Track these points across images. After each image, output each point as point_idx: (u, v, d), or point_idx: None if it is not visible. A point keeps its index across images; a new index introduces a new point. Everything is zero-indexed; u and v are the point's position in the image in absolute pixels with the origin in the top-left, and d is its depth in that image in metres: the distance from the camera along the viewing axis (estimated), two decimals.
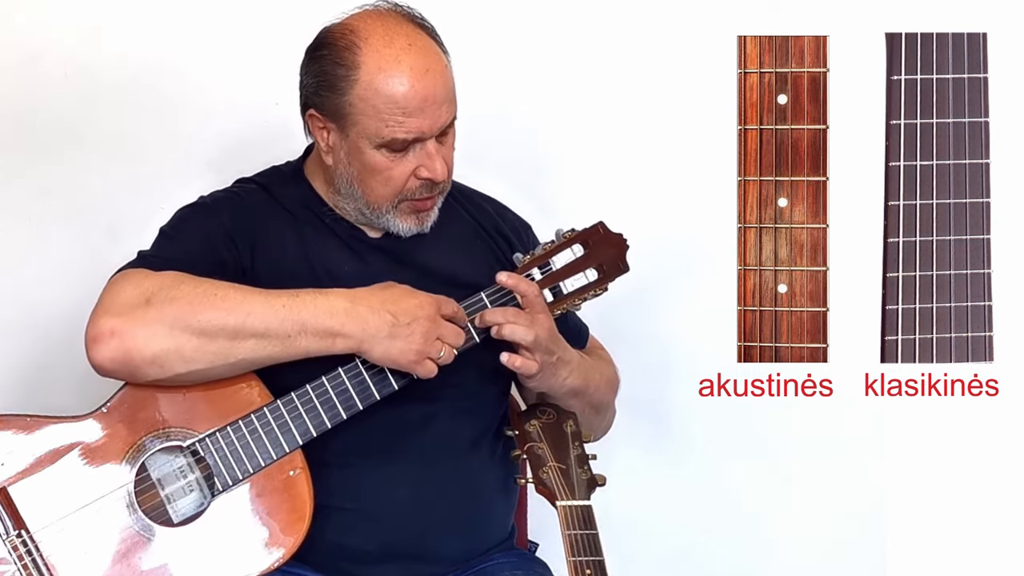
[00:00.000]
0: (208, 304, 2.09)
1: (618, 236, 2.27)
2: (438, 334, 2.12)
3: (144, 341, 2.08)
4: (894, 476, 2.77)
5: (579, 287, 2.25)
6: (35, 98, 2.68)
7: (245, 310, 2.09)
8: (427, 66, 2.14)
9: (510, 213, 2.41)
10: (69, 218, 2.70)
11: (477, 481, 2.26)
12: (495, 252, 2.32)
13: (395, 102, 2.13)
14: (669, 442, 2.79)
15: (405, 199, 2.21)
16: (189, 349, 2.09)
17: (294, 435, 2.14)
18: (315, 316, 2.10)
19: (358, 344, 2.11)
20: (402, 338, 2.10)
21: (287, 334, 2.10)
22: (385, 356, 2.12)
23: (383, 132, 2.15)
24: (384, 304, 2.11)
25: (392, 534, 2.19)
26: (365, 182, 2.20)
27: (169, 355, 2.09)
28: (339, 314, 2.10)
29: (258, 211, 2.26)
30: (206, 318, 2.08)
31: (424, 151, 2.17)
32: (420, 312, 2.11)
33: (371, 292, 2.13)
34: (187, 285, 2.10)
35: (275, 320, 2.09)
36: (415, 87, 2.13)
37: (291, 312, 2.10)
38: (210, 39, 2.70)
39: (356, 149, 2.18)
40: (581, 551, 1.99)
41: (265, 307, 2.10)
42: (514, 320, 2.17)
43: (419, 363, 2.12)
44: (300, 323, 2.09)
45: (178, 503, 2.13)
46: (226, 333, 2.09)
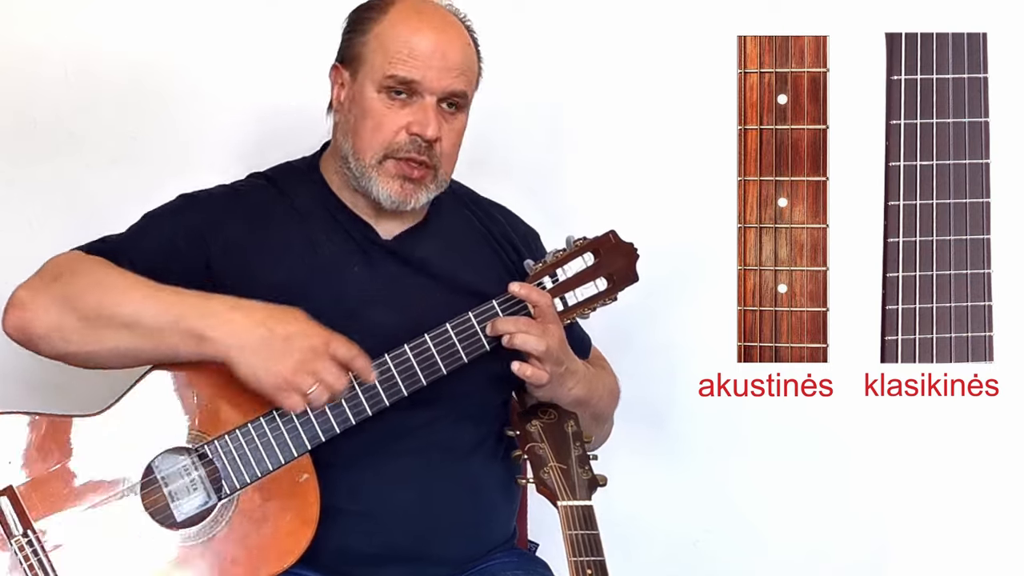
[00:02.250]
0: (95, 289, 2.10)
1: (629, 245, 2.27)
2: (315, 368, 2.06)
3: (36, 315, 2.12)
4: (894, 476, 2.77)
5: (589, 296, 2.25)
6: (35, 98, 2.67)
7: (125, 298, 2.09)
8: (447, 28, 2.20)
9: (520, 221, 2.41)
10: (69, 218, 2.70)
11: (479, 483, 2.25)
12: (503, 260, 2.31)
13: (407, 43, 2.17)
14: (669, 442, 2.79)
15: (391, 156, 2.20)
16: (68, 329, 2.11)
17: (303, 439, 2.14)
18: (189, 315, 2.07)
19: (226, 352, 2.06)
20: (272, 359, 2.05)
21: (159, 328, 2.07)
22: (250, 373, 2.06)
23: (386, 68, 2.17)
24: (267, 319, 2.06)
25: (395, 536, 2.19)
26: (357, 130, 2.20)
27: (53, 332, 2.11)
28: (211, 317, 2.07)
29: (261, 209, 2.25)
30: (88, 301, 2.09)
31: (421, 106, 2.18)
32: (302, 340, 2.06)
33: (263, 306, 2.08)
34: (95, 270, 2.12)
35: (149, 313, 2.08)
36: (429, 37, 2.18)
37: (168, 307, 2.08)
38: (210, 39, 2.70)
39: (359, 94, 2.20)
40: (582, 551, 1.99)
41: (144, 299, 2.09)
42: (526, 330, 2.16)
43: (284, 391, 2.06)
44: (173, 320, 2.07)
45: (181, 501, 2.13)
46: (101, 319, 2.09)
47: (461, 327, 2.18)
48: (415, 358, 2.16)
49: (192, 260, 2.19)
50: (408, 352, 2.16)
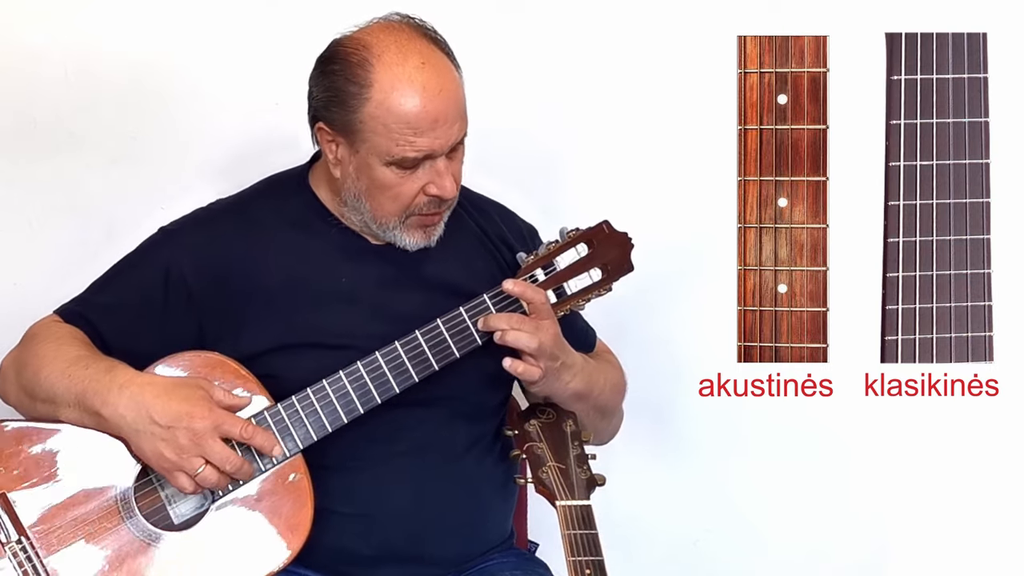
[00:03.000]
0: (33, 363, 2.16)
1: (623, 235, 2.27)
2: (201, 452, 2.06)
3: (4, 387, 2.22)
4: (894, 476, 2.77)
5: (583, 287, 2.25)
6: (35, 98, 2.67)
7: (43, 374, 2.13)
8: (440, 86, 2.12)
9: (516, 219, 2.40)
10: (69, 218, 2.70)
11: (474, 483, 2.25)
12: (498, 261, 2.31)
13: (407, 122, 2.11)
14: (669, 442, 2.79)
15: (413, 214, 2.19)
16: (13, 399, 2.20)
17: (295, 440, 2.14)
18: (88, 393, 2.09)
19: (118, 432, 2.09)
20: (156, 443, 2.07)
21: (68, 404, 2.11)
22: (140, 453, 2.10)
23: (393, 151, 2.12)
24: (154, 400, 2.07)
25: (391, 537, 2.19)
26: (374, 197, 2.19)
27: (15, 404, 2.20)
28: (104, 395, 2.08)
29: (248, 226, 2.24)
30: (26, 375, 2.16)
31: (434, 168, 2.15)
32: (184, 423, 2.06)
33: (153, 387, 2.09)
34: (48, 342, 2.16)
35: (61, 389, 2.12)
36: (427, 107, 2.11)
37: (72, 383, 2.11)
38: (210, 39, 2.69)
39: (365, 165, 2.16)
40: (581, 551, 1.99)
41: (60, 375, 2.12)
42: (519, 327, 2.16)
43: (171, 473, 2.08)
44: (76, 397, 2.11)
45: (178, 504, 2.13)
46: (33, 392, 2.15)
47: (452, 322, 2.18)
48: (406, 355, 2.16)
49: (172, 300, 2.20)
50: (399, 349, 2.16)
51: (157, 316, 2.18)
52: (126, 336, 2.17)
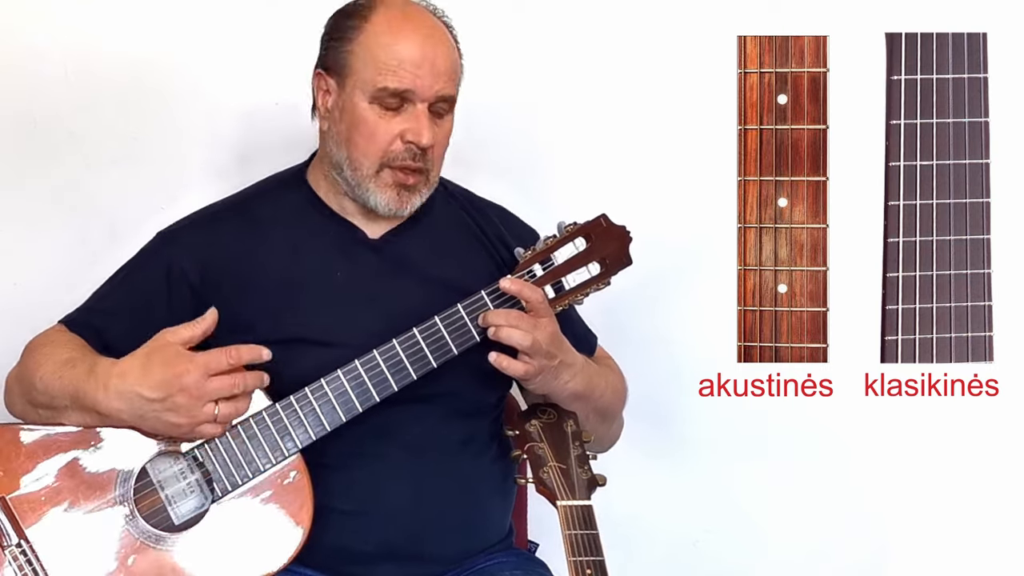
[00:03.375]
0: (31, 370, 2.17)
1: (621, 228, 2.27)
2: (205, 398, 2.08)
3: (9, 400, 2.23)
4: (894, 476, 2.77)
5: (581, 282, 2.24)
6: (35, 98, 2.67)
7: (41, 379, 2.15)
8: (432, 32, 2.20)
9: (516, 221, 2.40)
10: (69, 218, 2.70)
11: (471, 481, 2.25)
12: (496, 260, 2.31)
13: (394, 53, 2.17)
14: (669, 442, 2.79)
15: (387, 165, 2.20)
16: (17, 409, 2.20)
17: (294, 438, 2.14)
18: (82, 392, 2.11)
19: (124, 424, 2.11)
20: (164, 416, 2.08)
21: (65, 406, 2.13)
22: (158, 433, 2.11)
23: (376, 80, 2.17)
24: (138, 382, 2.07)
25: (389, 534, 2.19)
26: (352, 139, 2.20)
27: (20, 416, 2.19)
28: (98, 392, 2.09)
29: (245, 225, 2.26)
30: (25, 382, 2.17)
31: (413, 114, 2.18)
32: (175, 385, 2.07)
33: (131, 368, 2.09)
34: (46, 351, 2.18)
35: (54, 391, 2.13)
36: (415, 44, 2.17)
37: (67, 385, 2.12)
38: (210, 39, 2.70)
39: (350, 103, 2.19)
40: (581, 551, 1.99)
41: (54, 378, 2.14)
42: (515, 324, 2.16)
43: (195, 432, 2.10)
44: (72, 398, 2.12)
45: (179, 505, 2.13)
46: (33, 399, 2.16)
47: (450, 319, 2.18)
48: (404, 352, 2.16)
49: (176, 298, 2.22)
50: (397, 347, 2.16)
51: (163, 317, 2.19)
52: (134, 340, 2.17)
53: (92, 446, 2.12)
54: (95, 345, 2.20)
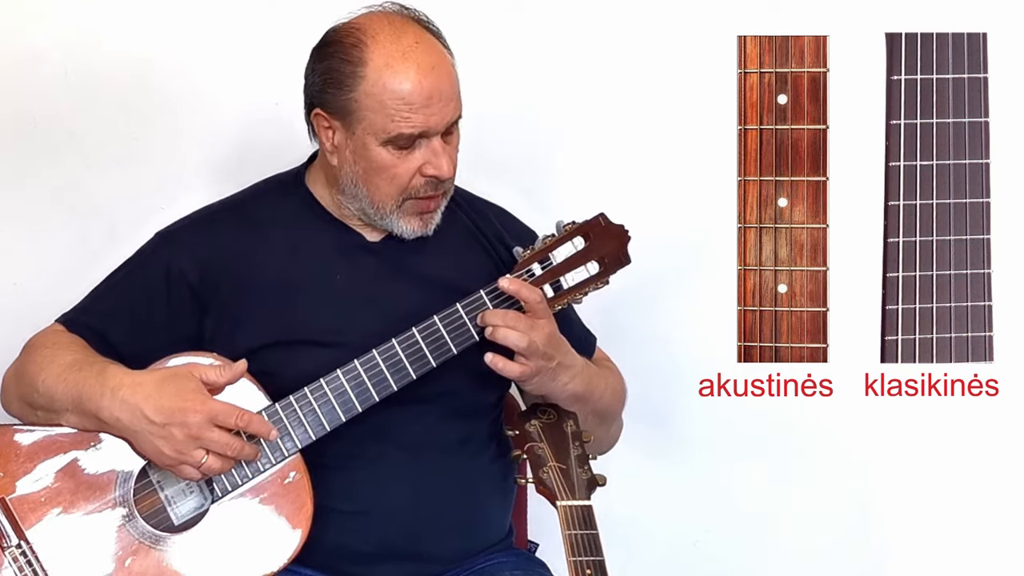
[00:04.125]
0: (29, 371, 2.17)
1: (619, 227, 2.27)
2: (200, 444, 2.07)
3: (6, 399, 2.23)
4: (894, 476, 2.77)
5: (580, 281, 2.24)
6: (35, 98, 2.67)
7: (39, 381, 2.15)
8: (433, 63, 2.15)
9: (515, 222, 2.40)
10: (69, 218, 2.70)
11: (470, 480, 2.25)
12: (494, 259, 2.31)
13: (402, 97, 2.13)
14: (669, 442, 2.79)
15: (409, 197, 2.20)
16: (15, 409, 2.20)
17: (293, 439, 2.14)
18: (85, 397, 2.10)
19: (120, 434, 2.11)
20: (155, 441, 2.08)
21: (66, 408, 2.12)
22: (142, 452, 2.11)
23: (389, 128, 2.14)
24: (146, 400, 2.08)
25: (389, 534, 2.19)
26: (370, 180, 2.20)
27: (17, 413, 2.20)
28: (100, 399, 2.09)
29: (244, 226, 2.26)
30: (23, 382, 2.17)
31: (430, 148, 2.17)
32: (178, 418, 2.07)
33: (144, 386, 2.09)
34: (45, 351, 2.18)
35: (58, 394, 2.13)
36: (422, 83, 2.13)
37: (70, 388, 2.12)
38: (210, 39, 2.70)
39: (362, 146, 2.17)
40: (581, 551, 1.99)
41: (56, 380, 2.13)
42: (512, 324, 2.16)
43: (176, 467, 2.09)
44: (73, 402, 2.12)
45: (178, 505, 2.13)
46: (32, 400, 2.16)
47: (449, 319, 2.18)
48: (403, 352, 2.16)
49: (176, 298, 2.21)
50: (396, 347, 2.16)
51: (163, 316, 2.19)
52: (134, 339, 2.17)
53: (92, 447, 2.12)
54: (96, 346, 2.20)
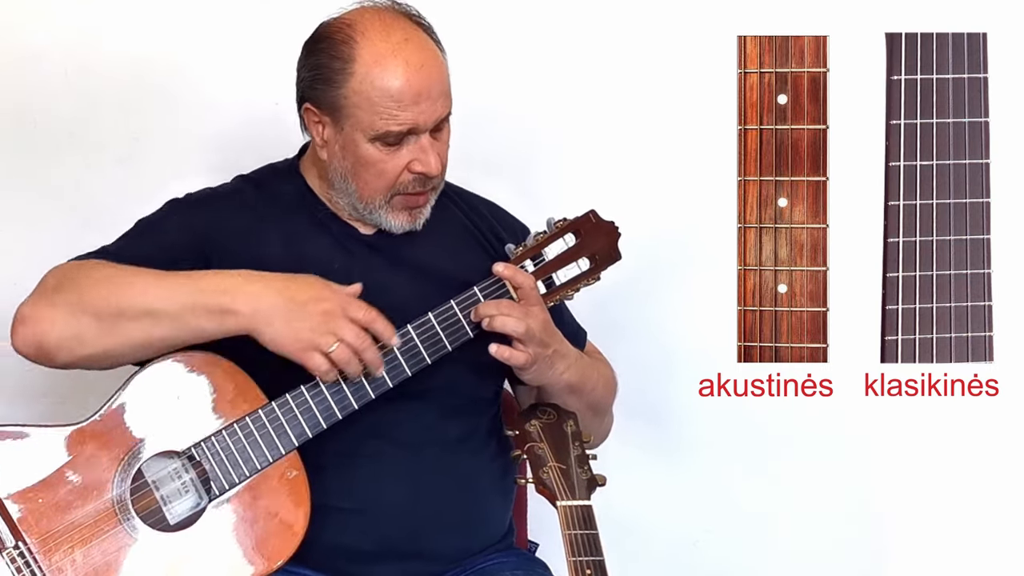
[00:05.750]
0: (105, 287, 2.11)
1: (610, 224, 2.27)
2: (333, 328, 2.08)
3: (49, 326, 2.11)
4: (894, 476, 2.77)
5: (572, 277, 2.25)
6: (35, 98, 2.67)
7: (138, 290, 2.10)
8: (422, 60, 2.15)
9: (507, 216, 2.40)
10: (69, 218, 2.70)
11: (471, 479, 2.25)
12: (488, 252, 2.31)
13: (390, 95, 2.14)
14: (669, 442, 2.79)
15: (398, 193, 2.21)
16: (90, 334, 2.11)
17: (290, 437, 2.14)
18: (206, 293, 2.09)
19: (249, 322, 2.08)
20: (293, 322, 2.07)
21: (178, 312, 2.09)
22: (274, 340, 2.08)
23: (377, 125, 2.15)
24: (286, 284, 2.09)
25: (388, 533, 2.19)
26: (359, 175, 2.20)
27: (72, 339, 2.11)
28: (230, 291, 2.09)
29: (245, 210, 2.26)
30: (103, 301, 2.10)
31: (418, 145, 2.18)
32: (320, 304, 2.08)
33: (280, 276, 2.11)
34: (97, 270, 2.13)
35: (167, 299, 2.09)
36: (410, 80, 2.14)
37: (184, 290, 2.09)
38: (210, 39, 2.70)
39: (350, 142, 2.18)
40: (581, 551, 1.99)
41: (157, 286, 2.10)
42: (507, 312, 2.17)
43: (306, 352, 2.08)
44: (192, 301, 2.09)
45: (174, 505, 2.12)
46: (123, 315, 2.10)
47: (444, 315, 2.18)
48: (398, 349, 2.16)
49: (194, 259, 2.19)
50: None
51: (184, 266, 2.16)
52: None
53: (90, 447, 2.12)
54: None
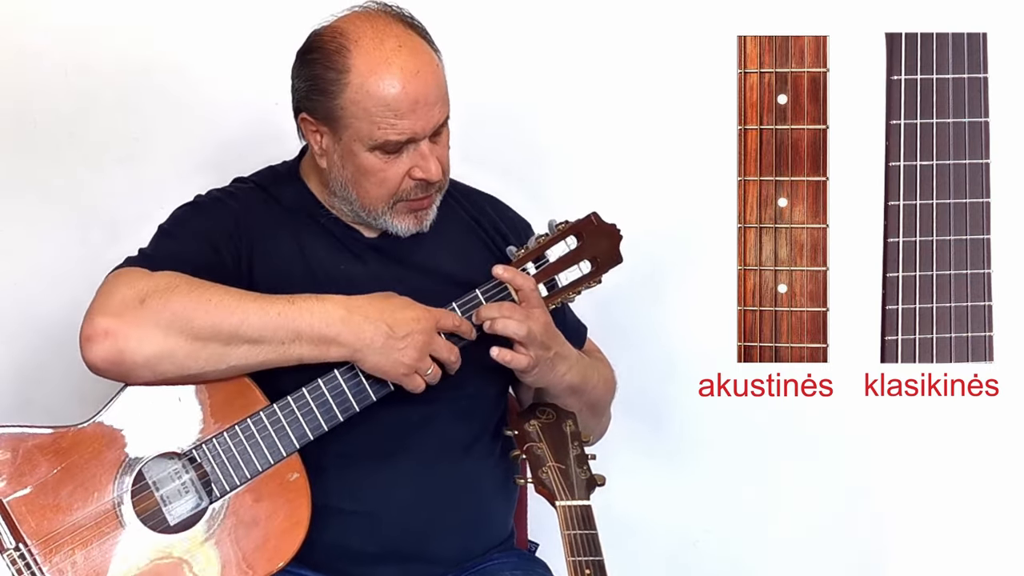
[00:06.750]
0: (203, 308, 2.09)
1: (611, 227, 2.27)
2: (431, 350, 2.12)
3: (137, 343, 2.08)
4: (894, 476, 2.77)
5: (573, 280, 2.25)
6: (35, 98, 2.67)
7: (240, 316, 2.09)
8: (417, 67, 2.14)
9: (510, 212, 2.40)
10: (69, 218, 2.70)
11: (475, 481, 2.25)
12: (492, 250, 2.31)
13: (386, 104, 2.12)
14: (669, 442, 2.79)
15: (400, 200, 2.20)
16: (182, 353, 2.09)
17: (291, 439, 2.14)
18: (310, 324, 2.10)
19: (352, 353, 2.11)
20: (396, 351, 2.10)
21: (281, 341, 2.10)
22: (376, 367, 2.12)
23: (375, 134, 2.14)
24: (382, 315, 2.11)
25: (391, 535, 2.19)
26: (360, 184, 2.20)
27: (162, 358, 2.09)
28: (335, 323, 2.10)
29: (255, 211, 2.25)
30: (200, 322, 2.08)
31: (418, 152, 2.17)
32: (416, 326, 2.11)
33: (369, 301, 2.13)
34: (183, 287, 2.10)
35: (270, 327, 2.09)
36: (406, 88, 2.13)
37: (286, 319, 2.10)
38: (210, 39, 2.70)
39: (349, 152, 2.17)
40: (581, 551, 1.99)
41: (260, 313, 2.10)
42: (509, 315, 2.16)
43: (408, 376, 2.12)
44: (295, 331, 2.10)
45: (174, 505, 2.12)
46: (220, 338, 2.09)
47: None
48: None
49: (226, 258, 2.20)
50: None
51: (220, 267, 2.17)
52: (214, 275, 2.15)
53: (91, 449, 2.11)
54: None
